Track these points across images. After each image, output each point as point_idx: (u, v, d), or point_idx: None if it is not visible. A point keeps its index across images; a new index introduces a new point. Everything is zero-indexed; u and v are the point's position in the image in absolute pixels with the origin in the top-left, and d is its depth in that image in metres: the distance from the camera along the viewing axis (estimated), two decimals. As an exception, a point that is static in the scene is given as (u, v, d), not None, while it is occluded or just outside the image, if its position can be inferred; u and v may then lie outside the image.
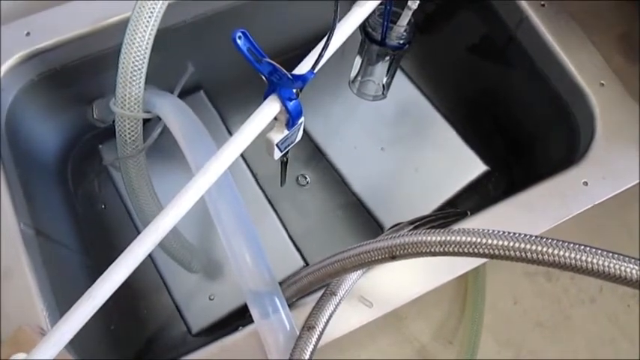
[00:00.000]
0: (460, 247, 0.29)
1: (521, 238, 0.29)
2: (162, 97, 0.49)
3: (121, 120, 0.47)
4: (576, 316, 0.84)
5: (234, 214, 0.45)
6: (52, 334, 0.35)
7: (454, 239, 0.30)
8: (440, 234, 0.30)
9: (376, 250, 0.33)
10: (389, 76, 0.61)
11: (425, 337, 0.80)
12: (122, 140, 0.48)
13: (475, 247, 0.29)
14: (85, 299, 0.36)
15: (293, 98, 0.41)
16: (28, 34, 0.53)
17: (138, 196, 0.53)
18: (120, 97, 0.45)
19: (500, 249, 0.29)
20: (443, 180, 0.67)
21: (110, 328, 0.62)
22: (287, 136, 0.44)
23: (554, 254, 0.27)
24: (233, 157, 0.40)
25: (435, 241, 0.30)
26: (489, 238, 0.29)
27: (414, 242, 0.31)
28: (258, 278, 0.43)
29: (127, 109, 0.45)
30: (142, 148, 0.49)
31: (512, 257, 0.29)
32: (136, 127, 0.48)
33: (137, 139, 0.48)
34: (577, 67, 0.56)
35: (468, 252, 0.29)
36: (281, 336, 0.42)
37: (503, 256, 0.29)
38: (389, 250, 0.32)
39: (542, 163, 0.65)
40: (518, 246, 0.28)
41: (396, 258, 0.32)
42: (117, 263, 0.36)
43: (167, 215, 0.37)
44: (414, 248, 0.31)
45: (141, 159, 0.51)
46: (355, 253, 0.34)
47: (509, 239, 0.29)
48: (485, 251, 0.29)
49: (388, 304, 0.46)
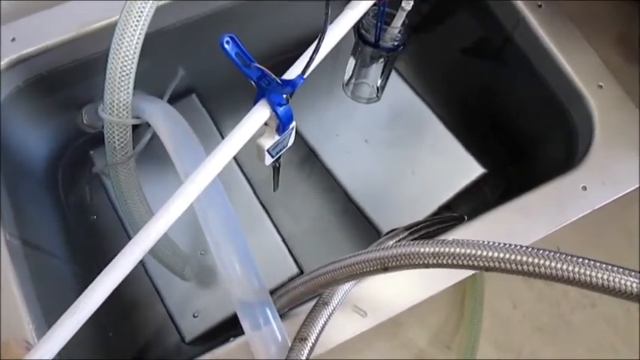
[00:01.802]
0: (454, 258, 0.28)
1: (518, 249, 0.27)
2: (152, 102, 0.48)
3: (110, 126, 0.46)
4: (576, 320, 0.84)
5: (223, 223, 0.44)
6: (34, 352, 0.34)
7: (448, 251, 0.28)
8: (433, 245, 0.29)
9: (367, 261, 0.32)
10: (383, 78, 0.60)
11: (422, 342, 0.80)
12: (111, 147, 0.47)
13: (470, 259, 0.28)
14: (70, 313, 0.35)
15: (283, 104, 0.40)
16: (14, 40, 0.52)
17: (128, 204, 0.52)
18: (108, 103, 0.44)
19: (496, 261, 0.28)
20: (439, 183, 0.66)
21: (108, 334, 0.61)
22: (278, 141, 0.43)
23: (552, 267, 0.26)
24: (222, 165, 0.39)
25: (428, 253, 0.29)
26: (485, 250, 0.28)
27: (406, 254, 0.30)
28: (248, 288, 0.42)
29: (115, 116, 0.44)
30: (131, 154, 0.48)
31: (508, 270, 0.28)
32: (124, 133, 0.47)
33: (126, 145, 0.47)
34: (574, 68, 0.55)
35: (463, 264, 0.28)
36: (273, 347, 0.41)
37: (498, 268, 0.28)
38: (380, 261, 0.31)
39: (539, 167, 0.64)
40: (514, 258, 0.27)
41: (388, 270, 0.31)
42: (104, 274, 0.35)
43: (154, 225, 0.36)
44: (407, 260, 0.30)
45: (130, 166, 0.50)
46: (346, 264, 0.33)
47: (505, 251, 0.28)
48: (481, 264, 0.28)
49: (383, 312, 0.45)
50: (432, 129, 0.69)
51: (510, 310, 0.84)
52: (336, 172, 0.68)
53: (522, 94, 0.64)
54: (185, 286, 0.64)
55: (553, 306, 0.84)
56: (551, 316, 0.84)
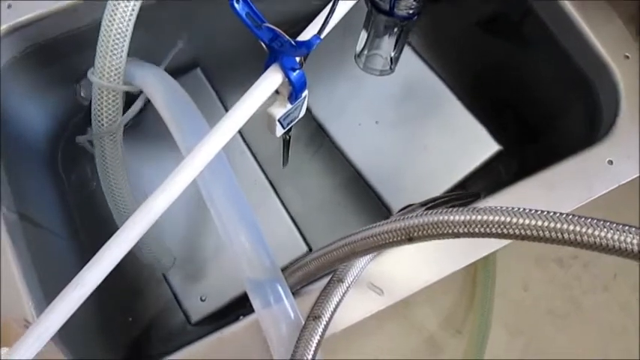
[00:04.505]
0: (487, 227, 0.26)
1: (557, 217, 0.25)
2: (146, 68, 0.45)
3: (99, 92, 0.43)
4: (588, 304, 0.83)
5: (229, 197, 0.42)
6: (34, 328, 0.32)
7: (480, 218, 0.26)
8: (464, 212, 0.27)
9: (391, 231, 0.29)
10: (397, 49, 0.57)
11: (432, 326, 0.78)
12: (98, 115, 0.45)
13: (505, 228, 0.26)
14: (71, 289, 0.33)
15: (296, 68, 0.37)
16: (10, 7, 0.50)
17: (110, 179, 0.50)
18: (99, 67, 0.42)
19: (534, 229, 0.25)
20: (454, 160, 0.64)
21: (113, 316, 0.60)
22: (290, 110, 0.41)
23: (599, 236, 0.24)
24: (230, 135, 0.37)
25: (458, 221, 0.27)
26: (521, 217, 0.26)
27: (435, 222, 0.27)
28: (258, 265, 0.41)
29: (105, 80, 0.42)
30: (120, 122, 0.45)
31: (546, 238, 0.25)
32: (114, 100, 0.44)
33: (115, 114, 0.45)
34: (599, 38, 0.52)
35: (496, 233, 0.26)
36: (284, 326, 0.39)
37: (536, 237, 0.25)
38: (405, 231, 0.28)
39: (558, 144, 0.62)
40: (554, 226, 0.25)
41: (413, 240, 0.29)
42: (105, 248, 0.33)
43: (157, 198, 0.34)
44: (435, 229, 0.27)
45: (117, 137, 0.47)
46: (367, 235, 0.31)
47: (544, 218, 0.25)
48: (517, 232, 0.26)
49: (399, 291, 0.43)
50: (445, 103, 0.67)
51: (522, 294, 0.83)
52: (346, 148, 0.66)
53: (542, 66, 0.62)
54: (191, 266, 0.62)
55: (565, 289, 0.83)
56: (562, 299, 0.83)
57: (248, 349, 0.41)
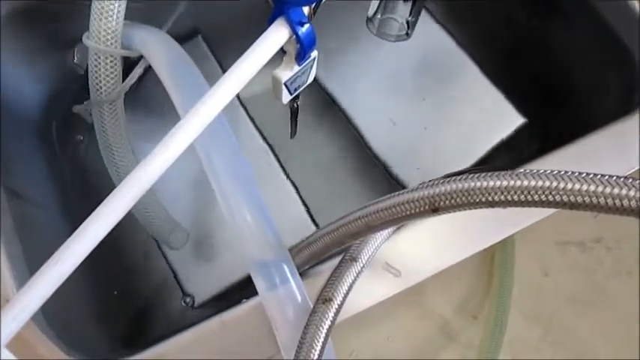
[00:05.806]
0: (530, 193, 0.22)
1: (615, 181, 0.21)
2: (145, 29, 0.42)
3: (96, 57, 0.40)
4: (611, 290, 0.79)
5: (231, 168, 0.39)
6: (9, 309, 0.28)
7: (521, 184, 0.22)
8: (500, 177, 0.23)
9: (412, 201, 0.25)
10: (414, 12, 0.53)
11: (447, 312, 0.75)
12: (96, 82, 0.42)
13: (551, 194, 0.22)
14: (52, 264, 0.30)
15: (305, 22, 0.34)
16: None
17: (112, 150, 0.47)
18: (95, 30, 0.39)
19: (586, 195, 0.21)
20: (475, 134, 0.60)
21: (110, 296, 0.58)
22: (297, 73, 0.38)
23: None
24: (230, 96, 0.34)
25: (493, 187, 0.23)
26: (570, 182, 0.22)
27: (465, 189, 0.23)
28: (263, 242, 0.37)
29: (102, 44, 0.39)
30: (120, 89, 0.42)
31: (599, 206, 0.21)
32: (112, 66, 0.41)
33: (114, 80, 0.42)
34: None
35: (540, 200, 0.22)
36: (291, 310, 0.36)
37: (588, 204, 0.21)
38: (430, 200, 0.24)
39: (588, 117, 0.57)
40: (610, 192, 0.21)
41: (439, 211, 0.25)
42: (93, 217, 0.29)
43: (150, 163, 0.30)
44: (465, 197, 0.23)
45: (117, 106, 0.44)
46: (384, 207, 0.27)
47: (599, 183, 0.21)
48: (564, 199, 0.22)
49: (417, 273, 0.39)
50: (466, 73, 0.63)
51: (541, 279, 0.79)
52: (358, 121, 0.62)
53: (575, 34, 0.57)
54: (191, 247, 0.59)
55: (587, 274, 0.80)
56: (584, 285, 0.80)
57: (251, 334, 0.38)
